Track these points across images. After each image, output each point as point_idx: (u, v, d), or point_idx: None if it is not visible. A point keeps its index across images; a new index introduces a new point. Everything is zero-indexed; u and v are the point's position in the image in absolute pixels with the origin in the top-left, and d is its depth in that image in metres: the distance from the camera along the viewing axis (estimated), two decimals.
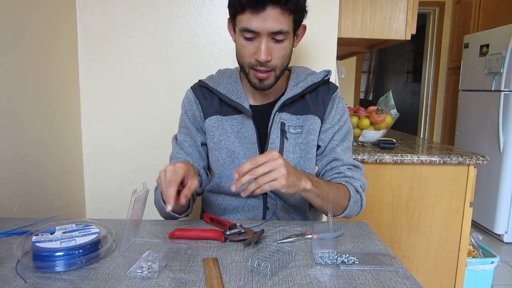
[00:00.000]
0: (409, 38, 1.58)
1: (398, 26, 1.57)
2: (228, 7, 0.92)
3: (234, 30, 0.94)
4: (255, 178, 0.75)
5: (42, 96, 1.24)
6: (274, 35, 0.87)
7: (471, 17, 3.71)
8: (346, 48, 2.19)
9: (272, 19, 0.85)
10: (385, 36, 1.58)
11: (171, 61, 1.50)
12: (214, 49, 1.51)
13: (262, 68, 0.91)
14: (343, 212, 0.95)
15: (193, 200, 1.02)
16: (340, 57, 2.64)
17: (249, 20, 0.86)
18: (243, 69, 0.96)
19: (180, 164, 0.81)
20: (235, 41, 0.96)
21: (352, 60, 4.54)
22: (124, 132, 1.54)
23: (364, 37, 1.58)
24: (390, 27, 1.57)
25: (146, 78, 1.51)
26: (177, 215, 0.95)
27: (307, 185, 0.83)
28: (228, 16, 0.96)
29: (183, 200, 0.79)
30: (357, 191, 0.98)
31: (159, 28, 1.48)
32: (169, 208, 0.76)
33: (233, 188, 0.76)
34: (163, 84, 1.52)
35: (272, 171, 0.75)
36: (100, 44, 1.47)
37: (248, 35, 0.88)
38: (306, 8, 0.92)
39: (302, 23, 0.94)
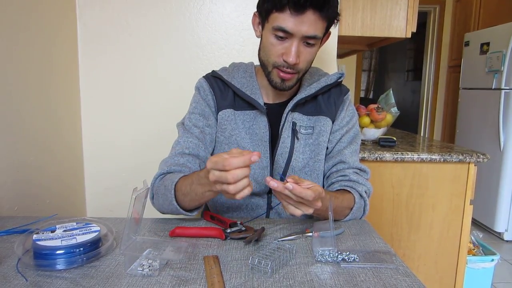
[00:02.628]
0: (409, 36, 1.58)
1: (399, 24, 1.56)
2: (264, 2, 0.88)
3: (262, 26, 0.91)
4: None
5: (42, 94, 1.24)
6: (307, 39, 0.86)
7: (471, 15, 3.70)
8: (347, 46, 2.19)
9: (309, 23, 0.84)
10: (385, 34, 1.58)
11: (171, 59, 1.50)
12: (214, 47, 1.50)
13: (288, 70, 0.90)
14: (344, 218, 0.95)
15: None
16: (340, 55, 2.63)
17: (286, 20, 0.84)
18: (265, 67, 0.94)
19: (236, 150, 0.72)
20: (259, 37, 0.94)
21: (353, 58, 4.53)
22: (124, 130, 1.54)
23: (364, 35, 1.57)
24: (390, 25, 1.57)
25: (146, 76, 1.51)
26: (189, 214, 0.89)
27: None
28: (254, 9, 0.93)
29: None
30: (361, 196, 0.96)
31: (159, 26, 1.48)
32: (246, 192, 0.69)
33: (268, 180, 0.71)
34: (163, 82, 1.52)
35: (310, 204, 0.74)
36: (100, 42, 1.47)
37: (281, 34, 0.86)
38: (339, 17, 0.91)
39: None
